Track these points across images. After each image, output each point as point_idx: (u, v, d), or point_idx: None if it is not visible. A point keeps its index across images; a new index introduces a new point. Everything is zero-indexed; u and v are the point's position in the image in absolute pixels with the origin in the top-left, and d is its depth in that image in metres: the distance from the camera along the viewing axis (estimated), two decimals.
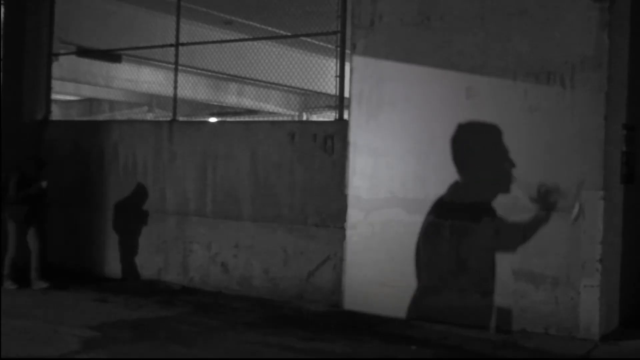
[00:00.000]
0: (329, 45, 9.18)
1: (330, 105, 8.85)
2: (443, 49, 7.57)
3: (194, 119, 15.54)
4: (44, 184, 8.87)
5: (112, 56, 13.67)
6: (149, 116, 23.25)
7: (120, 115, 24.15)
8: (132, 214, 9.79)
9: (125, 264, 9.82)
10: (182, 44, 9.92)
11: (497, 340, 6.82)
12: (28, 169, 8.97)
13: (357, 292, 7.98)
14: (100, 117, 22.96)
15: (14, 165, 9.19)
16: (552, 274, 6.98)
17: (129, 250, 9.81)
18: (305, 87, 13.92)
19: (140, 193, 9.71)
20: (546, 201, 6.99)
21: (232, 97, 20.47)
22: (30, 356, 5.92)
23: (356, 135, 8.07)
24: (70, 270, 10.01)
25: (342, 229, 8.15)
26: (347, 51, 8.33)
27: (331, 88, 8.55)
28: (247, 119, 20.30)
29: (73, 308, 7.92)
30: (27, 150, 10.35)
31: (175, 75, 9.96)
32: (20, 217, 8.84)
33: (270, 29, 13.57)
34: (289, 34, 11.72)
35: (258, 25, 13.69)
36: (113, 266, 9.93)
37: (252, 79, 17.08)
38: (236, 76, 16.71)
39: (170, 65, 10.63)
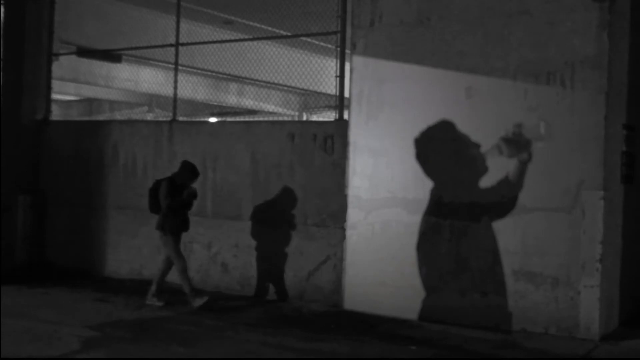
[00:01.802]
0: (329, 45, 9.17)
1: (330, 105, 8.85)
2: (443, 49, 7.57)
3: (194, 119, 15.55)
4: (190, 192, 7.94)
5: (112, 56, 13.67)
6: (149, 116, 23.25)
7: (120, 115, 24.15)
8: (275, 223, 8.73)
9: (275, 282, 8.67)
10: (182, 44, 9.93)
11: (497, 340, 6.82)
12: (180, 177, 8.02)
13: (357, 292, 7.98)
14: (100, 117, 22.96)
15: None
16: (552, 274, 6.98)
17: (272, 266, 8.69)
18: (305, 87, 13.92)
19: (286, 198, 8.57)
20: (521, 141, 7.08)
21: (232, 97, 20.48)
22: (30, 356, 5.92)
23: (356, 136, 8.07)
24: (70, 270, 10.02)
25: (342, 229, 8.15)
26: (347, 51, 8.33)
27: (331, 88, 8.55)
28: (247, 119, 20.30)
29: (73, 308, 7.92)
30: (27, 151, 10.37)
31: (175, 75, 9.97)
32: (174, 229, 7.96)
33: (270, 29, 13.57)
34: (289, 34, 11.72)
35: (258, 25, 13.70)
36: (113, 266, 9.94)
37: (252, 79, 17.09)
38: (236, 76, 16.71)
39: (170, 65, 10.64)
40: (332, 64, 8.52)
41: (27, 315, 7.42)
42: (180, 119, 10.22)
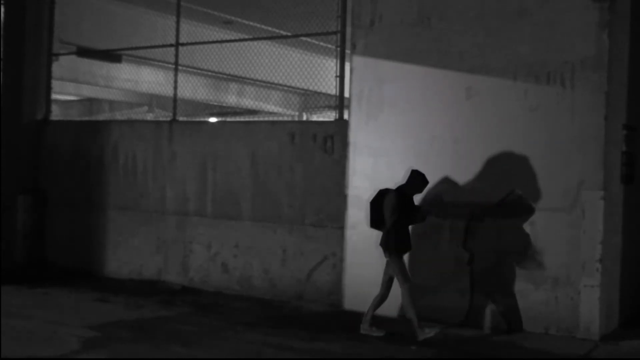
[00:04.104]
0: (329, 45, 9.18)
1: (330, 105, 8.85)
2: (443, 49, 7.57)
3: (194, 119, 15.54)
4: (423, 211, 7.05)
5: (112, 56, 13.67)
6: (149, 116, 23.24)
7: (120, 115, 24.15)
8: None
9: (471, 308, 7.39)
10: (182, 44, 9.93)
11: (497, 340, 6.82)
12: (410, 187, 6.98)
13: (357, 292, 7.97)
14: (100, 117, 22.95)
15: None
16: (552, 274, 6.98)
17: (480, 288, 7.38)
18: (305, 87, 13.92)
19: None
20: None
21: (232, 97, 20.46)
22: (30, 356, 5.92)
23: (356, 135, 8.07)
24: (70, 270, 10.01)
25: (341, 229, 8.15)
26: (347, 51, 8.32)
27: (331, 88, 8.55)
28: (247, 119, 20.28)
29: (73, 308, 7.92)
30: (27, 151, 10.34)
31: (175, 75, 9.97)
32: (400, 246, 6.89)
33: (270, 29, 13.57)
34: (289, 34, 11.72)
35: (258, 25, 13.69)
36: (113, 266, 9.93)
37: (252, 79, 17.08)
38: (236, 76, 16.70)
39: (170, 65, 10.64)
40: (332, 64, 8.52)
41: (27, 315, 7.41)
42: (180, 119, 10.22)
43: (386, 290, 6.98)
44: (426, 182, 7.01)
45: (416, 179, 6.97)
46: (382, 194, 6.98)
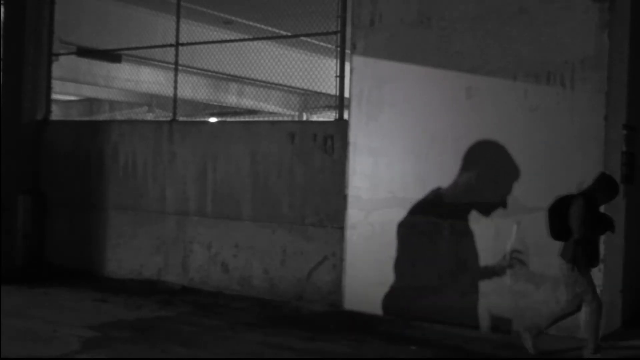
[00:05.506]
0: (329, 45, 9.18)
1: (330, 105, 8.85)
2: (443, 49, 7.57)
3: (194, 119, 15.54)
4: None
5: (112, 56, 13.68)
6: (149, 116, 23.26)
7: (120, 115, 24.17)
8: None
9: None
10: (182, 44, 9.93)
11: (497, 340, 6.82)
12: (601, 194, 6.24)
13: (357, 292, 7.98)
14: (100, 117, 22.97)
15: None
16: (552, 274, 6.97)
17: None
18: (305, 87, 13.93)
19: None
20: None
21: (232, 97, 20.49)
22: (30, 356, 5.93)
23: (356, 136, 8.07)
24: (70, 270, 10.01)
25: (341, 229, 8.15)
26: (347, 51, 8.33)
27: (331, 88, 8.55)
28: (247, 119, 20.30)
29: (73, 308, 7.92)
30: (27, 151, 10.33)
31: (175, 75, 9.96)
32: (589, 261, 6.23)
33: (270, 29, 13.58)
34: (289, 34, 11.73)
35: (258, 25, 13.71)
36: (113, 266, 9.93)
37: (252, 79, 17.10)
38: (236, 76, 16.73)
39: (170, 65, 10.64)
40: (332, 64, 8.52)
41: (27, 315, 7.42)
42: (180, 119, 10.22)
43: (575, 307, 6.35)
44: (618, 189, 6.31)
45: (609, 186, 6.25)
46: (563, 201, 6.26)
